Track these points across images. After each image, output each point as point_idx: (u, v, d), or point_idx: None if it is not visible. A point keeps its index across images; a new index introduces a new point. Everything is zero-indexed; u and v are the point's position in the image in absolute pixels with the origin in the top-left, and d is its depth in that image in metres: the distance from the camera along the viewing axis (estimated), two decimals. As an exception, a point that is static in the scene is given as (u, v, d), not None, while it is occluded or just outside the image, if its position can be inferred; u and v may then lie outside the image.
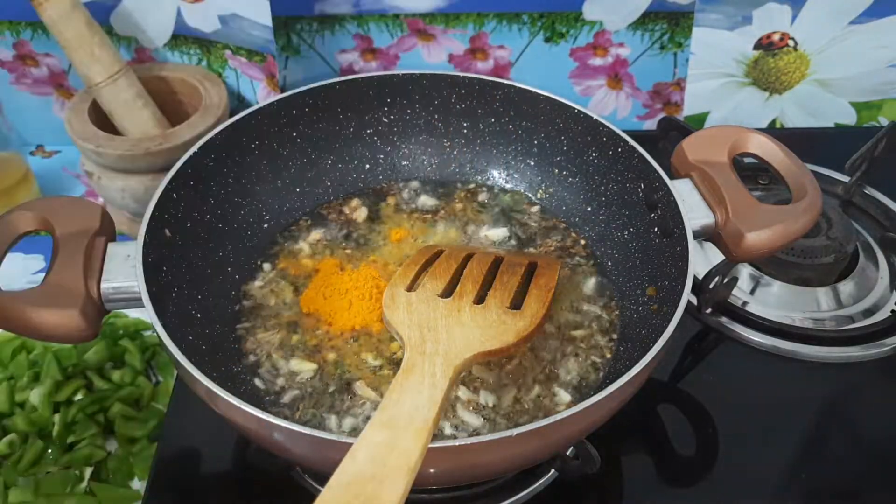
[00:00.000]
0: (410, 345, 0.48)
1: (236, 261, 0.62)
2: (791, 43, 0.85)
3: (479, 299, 0.53)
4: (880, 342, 0.66)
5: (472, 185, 0.70)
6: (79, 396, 0.65)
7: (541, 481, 0.56)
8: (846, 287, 0.71)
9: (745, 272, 0.72)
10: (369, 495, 0.35)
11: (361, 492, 0.36)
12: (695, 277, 0.56)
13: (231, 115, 0.63)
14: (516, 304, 0.53)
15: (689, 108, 0.89)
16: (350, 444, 0.38)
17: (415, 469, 0.37)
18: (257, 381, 0.56)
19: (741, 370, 0.65)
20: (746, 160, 0.59)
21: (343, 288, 0.61)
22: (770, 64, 0.86)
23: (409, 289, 0.54)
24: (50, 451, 0.62)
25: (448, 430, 0.53)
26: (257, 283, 0.62)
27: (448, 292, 0.53)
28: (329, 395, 0.55)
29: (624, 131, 0.61)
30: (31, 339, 0.67)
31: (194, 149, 0.58)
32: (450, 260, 0.57)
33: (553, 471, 0.56)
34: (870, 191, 0.80)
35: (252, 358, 0.57)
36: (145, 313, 0.47)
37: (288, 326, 0.59)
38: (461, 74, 0.67)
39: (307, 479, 0.56)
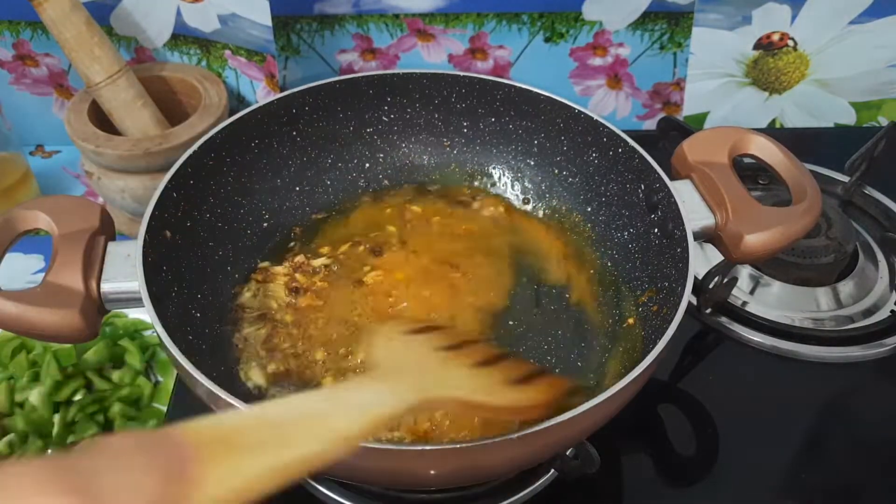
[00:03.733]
0: (384, 371, 0.41)
1: (236, 260, 0.62)
2: (791, 43, 0.85)
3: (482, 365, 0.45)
4: (880, 342, 0.66)
5: (471, 185, 0.70)
6: (78, 396, 0.65)
7: (541, 481, 0.56)
8: (846, 287, 0.71)
9: (744, 272, 0.72)
10: (276, 442, 0.32)
11: (272, 436, 0.32)
12: (694, 277, 0.56)
13: (231, 115, 0.63)
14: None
15: (688, 108, 0.89)
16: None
17: (332, 449, 0.33)
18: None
19: (741, 370, 0.65)
20: (746, 160, 0.59)
21: (343, 288, 0.61)
22: (770, 64, 0.86)
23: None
24: (50, 451, 0.62)
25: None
26: (257, 283, 0.62)
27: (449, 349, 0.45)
28: (329, 395, 0.55)
29: (624, 131, 0.61)
30: (31, 339, 0.67)
31: (194, 148, 0.58)
32: (462, 334, 0.51)
33: (553, 471, 0.56)
34: (869, 191, 0.80)
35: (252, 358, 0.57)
36: (145, 313, 0.47)
37: (288, 326, 0.59)
38: (461, 74, 0.67)
39: (306, 478, 0.56)
